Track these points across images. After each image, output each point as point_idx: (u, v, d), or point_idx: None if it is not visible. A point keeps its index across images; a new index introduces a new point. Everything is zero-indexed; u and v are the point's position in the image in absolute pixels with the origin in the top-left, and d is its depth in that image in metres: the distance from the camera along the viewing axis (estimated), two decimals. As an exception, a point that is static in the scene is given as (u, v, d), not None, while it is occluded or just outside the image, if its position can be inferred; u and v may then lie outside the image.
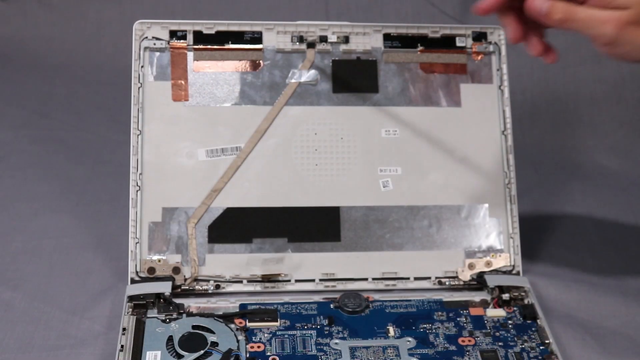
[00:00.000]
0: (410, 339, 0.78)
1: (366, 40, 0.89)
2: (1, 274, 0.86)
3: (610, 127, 1.15)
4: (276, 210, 0.85)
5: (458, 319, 0.81)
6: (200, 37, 0.87)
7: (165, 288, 0.81)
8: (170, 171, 0.85)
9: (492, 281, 0.84)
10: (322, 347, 0.76)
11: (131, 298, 0.80)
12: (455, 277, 0.85)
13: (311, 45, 0.88)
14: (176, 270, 0.83)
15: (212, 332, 0.77)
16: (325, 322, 0.79)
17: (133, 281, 0.82)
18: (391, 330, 0.79)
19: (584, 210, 1.01)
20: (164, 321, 0.78)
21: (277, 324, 0.79)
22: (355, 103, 0.88)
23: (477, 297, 0.84)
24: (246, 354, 0.75)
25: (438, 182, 0.87)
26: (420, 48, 0.89)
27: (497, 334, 0.79)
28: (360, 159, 0.87)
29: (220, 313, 0.79)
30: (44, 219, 0.95)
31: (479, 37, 0.89)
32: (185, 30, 0.87)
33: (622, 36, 0.69)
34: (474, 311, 0.81)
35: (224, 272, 0.84)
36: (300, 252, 0.84)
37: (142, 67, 0.86)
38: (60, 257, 0.89)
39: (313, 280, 0.84)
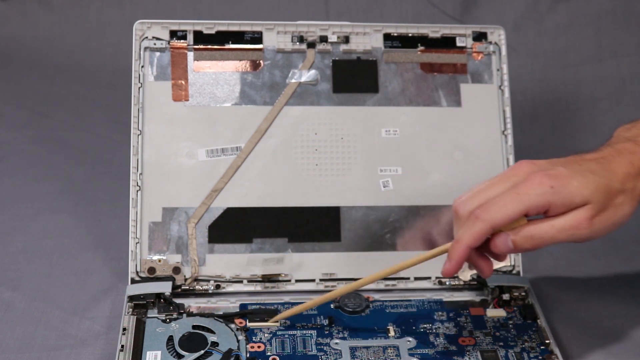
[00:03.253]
0: (410, 339, 0.78)
1: (366, 40, 0.89)
2: (1, 274, 0.86)
3: (610, 127, 1.14)
4: (276, 210, 0.85)
5: (458, 319, 0.81)
6: (200, 37, 0.87)
7: (165, 288, 0.81)
8: (171, 171, 0.85)
9: (492, 281, 0.84)
10: (322, 347, 0.76)
11: (131, 298, 0.80)
12: (456, 277, 0.85)
13: (311, 45, 0.88)
14: (176, 270, 0.83)
15: (212, 332, 0.77)
16: (326, 322, 0.79)
17: (133, 281, 0.82)
18: (391, 330, 0.79)
19: (584, 210, 1.01)
20: (164, 321, 0.78)
21: (278, 324, 0.79)
22: (355, 103, 0.88)
23: (477, 297, 0.84)
24: (246, 354, 0.75)
25: (438, 182, 0.87)
26: (420, 48, 0.89)
27: (497, 334, 0.79)
28: (360, 159, 0.87)
29: (221, 313, 0.79)
30: (44, 219, 0.95)
31: (479, 37, 0.89)
32: (186, 30, 0.87)
33: (595, 228, 0.68)
34: (474, 311, 0.81)
35: (224, 272, 0.84)
36: (300, 252, 0.84)
37: (142, 67, 0.86)
38: (60, 257, 0.89)
39: (313, 280, 0.84)
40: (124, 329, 0.76)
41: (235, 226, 0.84)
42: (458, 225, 0.70)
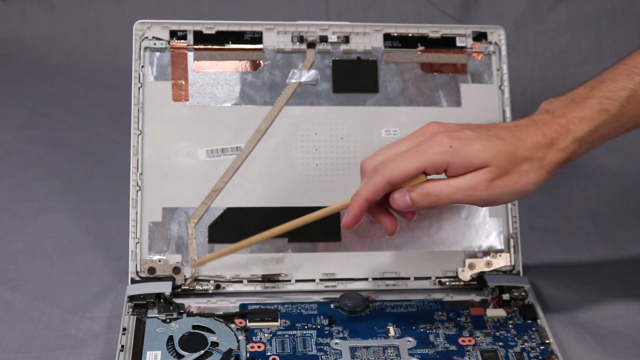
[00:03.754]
0: (410, 339, 0.78)
1: (366, 40, 0.89)
2: (1, 274, 0.86)
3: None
4: (276, 210, 0.85)
5: (458, 319, 0.81)
6: (200, 37, 0.87)
7: (165, 288, 0.81)
8: (171, 171, 0.85)
9: (492, 281, 0.84)
10: (322, 347, 0.76)
11: (131, 298, 0.80)
12: (456, 277, 0.85)
13: (311, 45, 0.88)
14: (176, 270, 0.83)
15: (212, 332, 0.77)
16: (326, 322, 0.79)
17: (133, 281, 0.82)
18: (391, 330, 0.79)
19: (584, 210, 1.01)
20: (164, 321, 0.78)
21: (278, 324, 0.79)
22: (355, 103, 0.88)
23: (477, 297, 0.84)
24: (246, 354, 0.75)
25: (438, 182, 0.87)
26: (420, 48, 0.89)
27: (497, 334, 0.79)
28: (361, 159, 0.86)
29: (221, 313, 0.79)
30: (44, 219, 0.95)
31: (479, 37, 0.89)
32: (186, 30, 0.87)
33: (494, 191, 0.69)
34: (474, 311, 0.81)
35: (224, 272, 0.84)
36: (300, 252, 0.84)
37: (142, 67, 0.86)
38: (60, 257, 0.89)
39: (313, 280, 0.84)
40: (124, 329, 0.76)
41: (235, 226, 0.84)
42: (362, 181, 0.72)
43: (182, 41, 0.87)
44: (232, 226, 0.84)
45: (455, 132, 0.70)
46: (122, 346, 0.74)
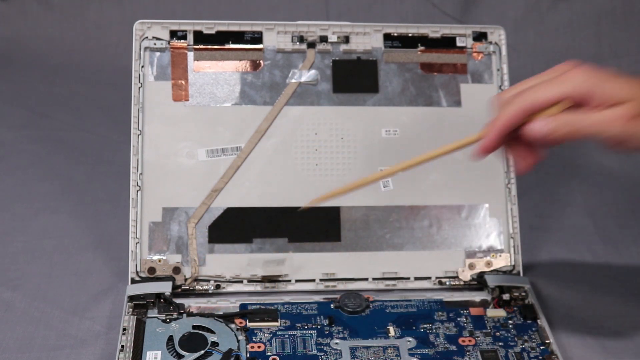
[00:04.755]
0: (410, 339, 0.78)
1: (366, 40, 0.89)
2: (1, 274, 0.86)
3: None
4: (276, 210, 0.85)
5: (458, 319, 0.81)
6: (200, 37, 0.87)
7: (165, 288, 0.81)
8: (171, 171, 0.85)
9: (492, 281, 0.84)
10: (322, 347, 0.76)
11: (131, 298, 0.80)
12: (456, 277, 0.85)
13: (311, 45, 0.88)
14: (176, 270, 0.83)
15: (212, 332, 0.77)
16: (326, 322, 0.79)
17: (133, 281, 0.82)
18: (391, 330, 0.79)
19: (584, 210, 1.01)
20: (164, 321, 0.78)
21: (278, 324, 0.79)
22: (355, 103, 0.88)
23: (477, 297, 0.84)
24: (246, 354, 0.75)
25: (438, 182, 0.87)
26: (420, 48, 0.89)
27: (498, 334, 0.79)
28: (360, 159, 0.87)
29: (221, 313, 0.79)
30: (44, 219, 0.95)
31: (479, 37, 0.89)
32: (186, 30, 0.87)
33: (631, 131, 0.67)
34: (474, 311, 0.81)
35: (224, 272, 0.84)
36: (300, 252, 0.84)
37: (142, 67, 0.86)
38: (60, 257, 0.89)
39: (313, 280, 0.84)
40: (124, 329, 0.76)
41: (235, 226, 0.84)
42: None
43: (182, 41, 0.87)
44: (232, 226, 0.84)
45: (597, 68, 0.68)
46: (122, 346, 0.74)
